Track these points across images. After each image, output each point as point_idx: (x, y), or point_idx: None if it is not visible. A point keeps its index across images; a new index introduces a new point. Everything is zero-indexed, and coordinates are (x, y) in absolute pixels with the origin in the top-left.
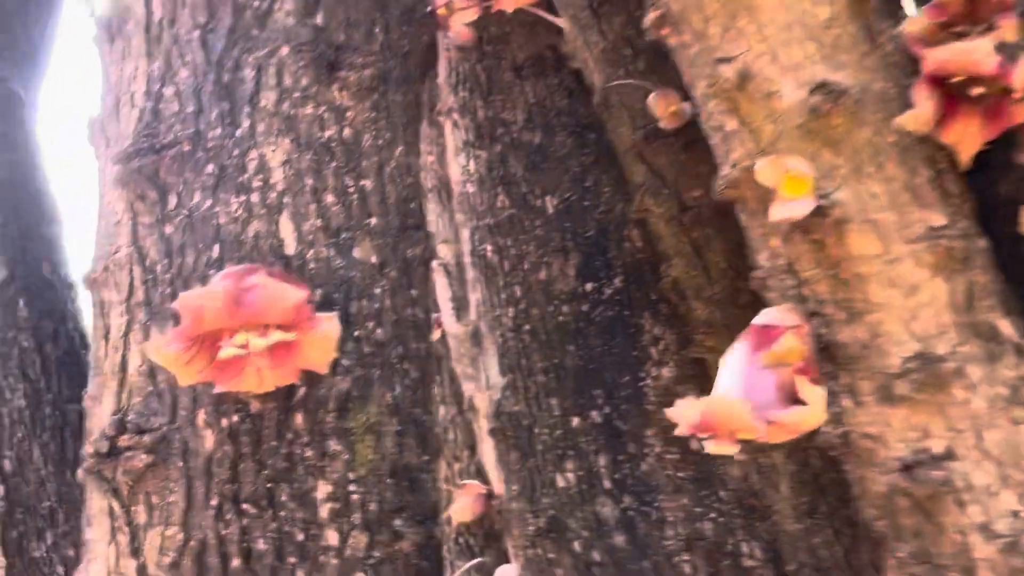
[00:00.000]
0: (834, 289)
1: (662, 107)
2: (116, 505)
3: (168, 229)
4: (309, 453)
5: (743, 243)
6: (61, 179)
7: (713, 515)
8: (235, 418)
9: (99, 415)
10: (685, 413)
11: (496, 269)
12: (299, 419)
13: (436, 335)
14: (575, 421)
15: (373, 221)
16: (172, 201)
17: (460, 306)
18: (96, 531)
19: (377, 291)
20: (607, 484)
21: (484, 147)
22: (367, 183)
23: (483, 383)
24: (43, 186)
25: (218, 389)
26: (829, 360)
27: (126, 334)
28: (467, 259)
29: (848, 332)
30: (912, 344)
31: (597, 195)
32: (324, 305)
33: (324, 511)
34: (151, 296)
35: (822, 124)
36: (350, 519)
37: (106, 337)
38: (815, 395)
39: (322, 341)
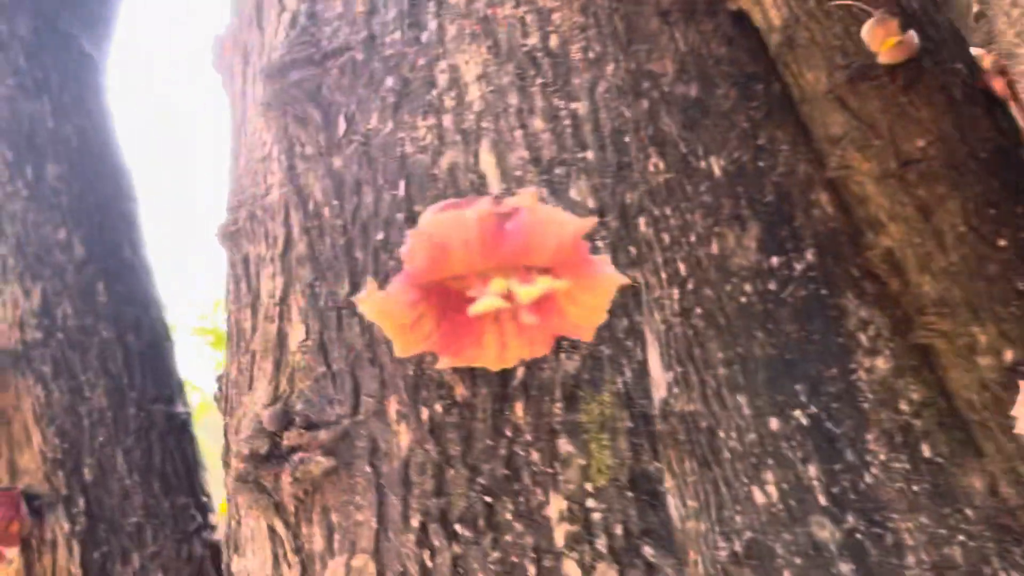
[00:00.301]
0: None
1: (880, 36)
2: (280, 525)
3: (337, 162)
4: (535, 456)
5: (991, 199)
6: (130, 154)
7: (962, 537)
8: (437, 407)
9: (248, 405)
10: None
11: (652, 243)
12: (519, 410)
13: None
14: (773, 423)
15: (589, 155)
16: (341, 125)
17: None
18: (251, 561)
19: (598, 244)
20: (822, 500)
21: (628, 104)
22: (579, 107)
23: None
24: (119, 158)
25: (443, 363)
26: None
27: (283, 300)
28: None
29: None
30: None
31: (773, 154)
32: None
33: (559, 535)
34: (317, 249)
35: None
36: (593, 546)
37: (253, 306)
38: None
39: (599, 293)
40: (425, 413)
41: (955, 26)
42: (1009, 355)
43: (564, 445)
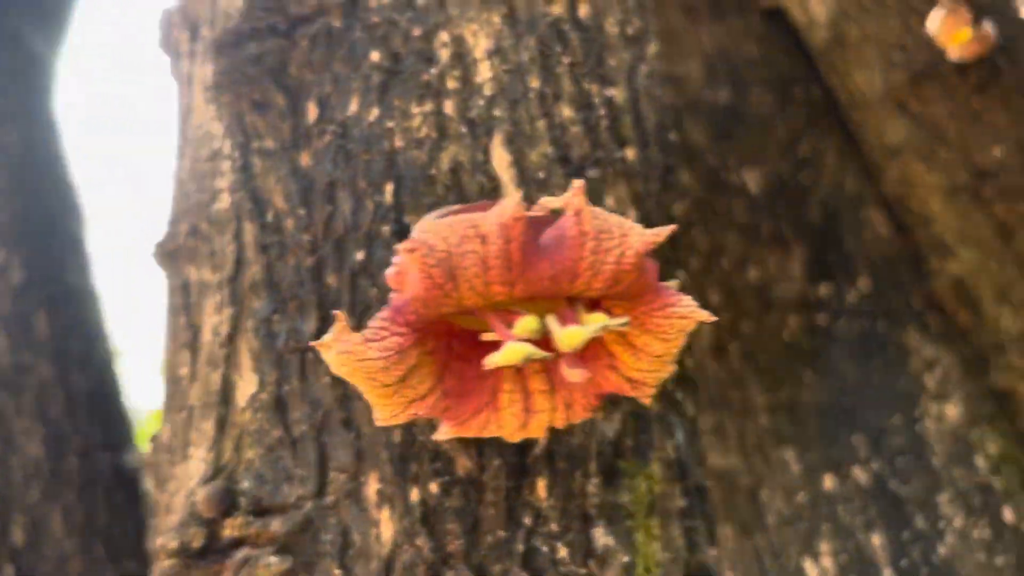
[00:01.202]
0: None
1: (950, 29)
2: None
3: (305, 159)
4: (563, 551)
5: None
6: (79, 168)
7: None
8: (432, 487)
9: (182, 479)
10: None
11: (679, 266)
12: (541, 489)
13: None
14: (828, 481)
15: (629, 154)
16: (312, 112)
17: None
18: None
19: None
20: (889, 574)
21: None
22: (615, 93)
23: None
24: (65, 172)
25: (442, 434)
26: None
27: (231, 339)
28: None
29: None
30: None
31: (817, 168)
32: None
33: None
34: (277, 272)
35: None
36: None
37: (192, 346)
38: None
39: (670, 336)
40: (416, 494)
41: None
42: None
43: (602, 536)
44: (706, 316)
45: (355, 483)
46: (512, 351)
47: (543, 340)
